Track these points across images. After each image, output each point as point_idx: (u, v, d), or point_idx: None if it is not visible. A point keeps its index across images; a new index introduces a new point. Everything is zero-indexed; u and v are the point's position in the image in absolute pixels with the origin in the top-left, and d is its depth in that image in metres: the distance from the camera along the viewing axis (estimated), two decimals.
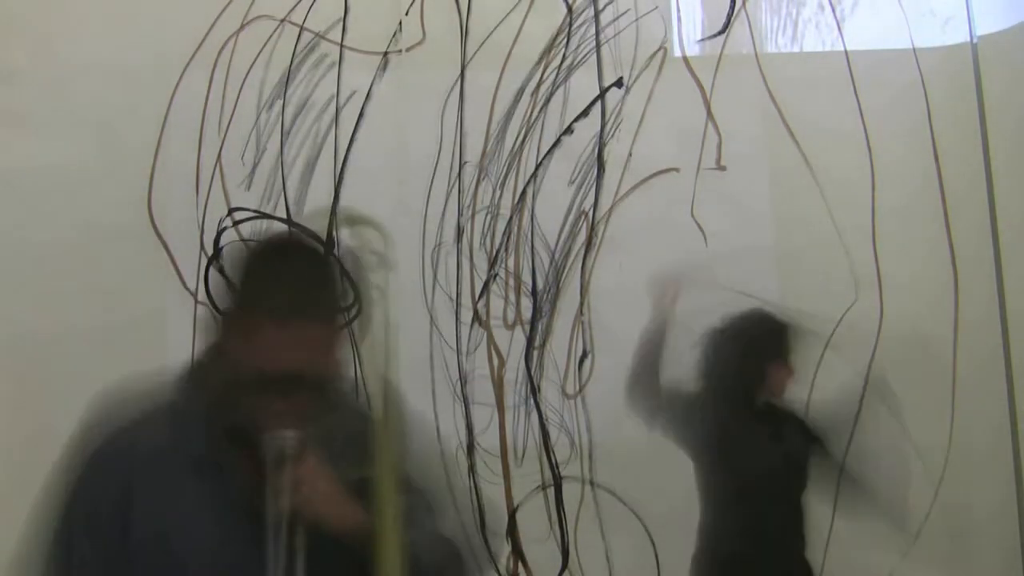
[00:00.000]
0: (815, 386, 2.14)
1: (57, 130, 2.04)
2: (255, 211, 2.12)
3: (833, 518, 2.14)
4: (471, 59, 2.20)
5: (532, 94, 2.21)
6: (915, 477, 2.13)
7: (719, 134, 2.23)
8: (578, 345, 2.18)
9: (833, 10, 2.28)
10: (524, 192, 2.20)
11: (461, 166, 2.18)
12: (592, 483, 2.15)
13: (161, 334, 2.02)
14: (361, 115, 2.16)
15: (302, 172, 2.14)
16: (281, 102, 2.15)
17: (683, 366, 2.04)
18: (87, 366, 1.83)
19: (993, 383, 2.22)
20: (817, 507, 2.15)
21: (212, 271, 2.07)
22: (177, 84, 2.10)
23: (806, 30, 2.28)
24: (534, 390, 2.16)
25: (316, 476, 1.01)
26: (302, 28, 2.16)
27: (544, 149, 2.20)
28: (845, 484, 1.99)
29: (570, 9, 2.23)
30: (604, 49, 2.23)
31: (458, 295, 2.16)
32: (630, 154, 2.22)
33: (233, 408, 1.02)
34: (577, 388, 2.17)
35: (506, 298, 2.18)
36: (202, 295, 2.07)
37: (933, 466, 2.18)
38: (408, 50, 2.18)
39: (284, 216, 2.13)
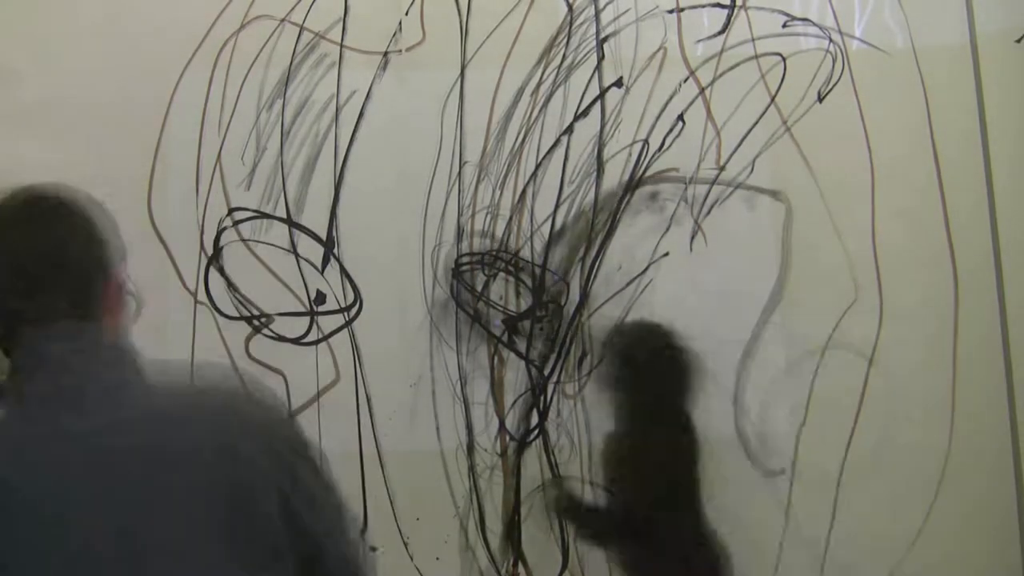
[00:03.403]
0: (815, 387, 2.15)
1: (57, 130, 2.04)
2: (255, 211, 2.12)
3: (833, 516, 2.14)
4: (471, 59, 2.20)
5: (532, 94, 2.21)
6: None
7: (719, 134, 2.23)
8: (578, 345, 2.18)
9: (833, 10, 2.28)
10: (524, 192, 2.20)
11: (461, 166, 2.18)
12: (592, 483, 2.15)
13: (161, 334, 2.02)
14: (361, 115, 2.16)
15: (302, 172, 2.14)
16: (281, 102, 2.15)
17: None
18: None
19: (993, 383, 2.22)
20: (816, 507, 2.16)
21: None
22: (177, 84, 2.10)
23: (806, 30, 2.28)
24: (534, 390, 2.16)
25: None
26: (302, 28, 2.16)
27: (544, 149, 2.20)
28: None
29: (570, 9, 2.23)
30: (604, 49, 2.23)
31: (458, 295, 2.16)
32: (629, 154, 2.22)
33: None
34: (577, 388, 2.17)
35: (506, 297, 2.18)
36: (202, 295, 2.08)
37: (933, 466, 2.18)
38: (408, 50, 2.19)
39: (284, 216, 2.13)
